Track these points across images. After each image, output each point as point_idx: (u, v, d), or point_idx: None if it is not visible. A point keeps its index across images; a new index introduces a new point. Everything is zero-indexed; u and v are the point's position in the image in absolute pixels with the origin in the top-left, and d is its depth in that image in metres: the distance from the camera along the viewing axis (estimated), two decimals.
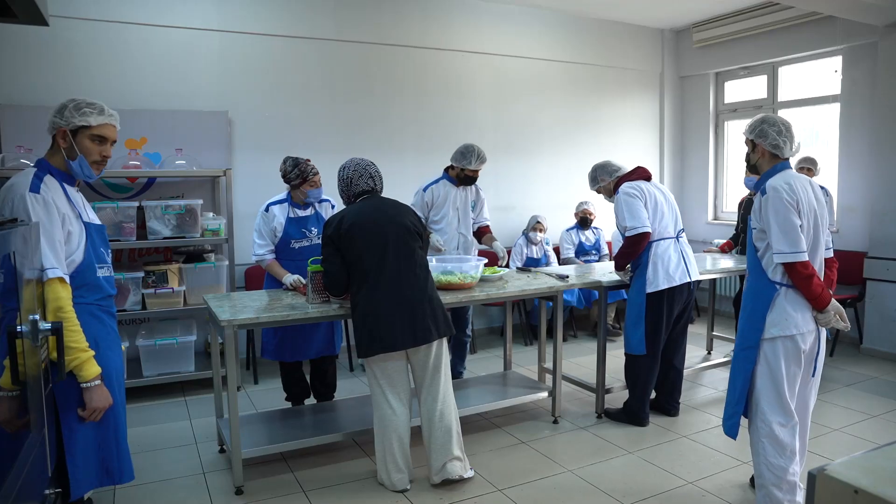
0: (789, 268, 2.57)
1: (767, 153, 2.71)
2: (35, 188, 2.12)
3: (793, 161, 2.81)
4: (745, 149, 2.83)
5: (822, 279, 2.67)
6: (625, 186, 3.76)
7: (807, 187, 2.66)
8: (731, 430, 2.79)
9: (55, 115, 2.24)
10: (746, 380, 2.69)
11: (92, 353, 2.16)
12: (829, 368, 4.98)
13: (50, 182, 2.20)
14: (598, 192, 4.03)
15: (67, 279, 2.13)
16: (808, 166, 5.22)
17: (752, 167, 2.80)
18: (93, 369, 2.15)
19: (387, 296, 2.93)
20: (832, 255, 2.85)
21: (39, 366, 1.71)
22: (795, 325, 2.60)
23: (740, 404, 2.72)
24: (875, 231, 5.31)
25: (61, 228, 2.16)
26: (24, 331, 1.53)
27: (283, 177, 3.64)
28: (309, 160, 3.69)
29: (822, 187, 5.27)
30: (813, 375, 2.75)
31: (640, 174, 3.84)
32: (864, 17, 5.02)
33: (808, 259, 2.56)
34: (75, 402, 2.16)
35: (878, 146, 5.30)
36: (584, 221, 6.09)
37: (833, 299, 2.64)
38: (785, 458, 2.63)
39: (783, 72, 6.41)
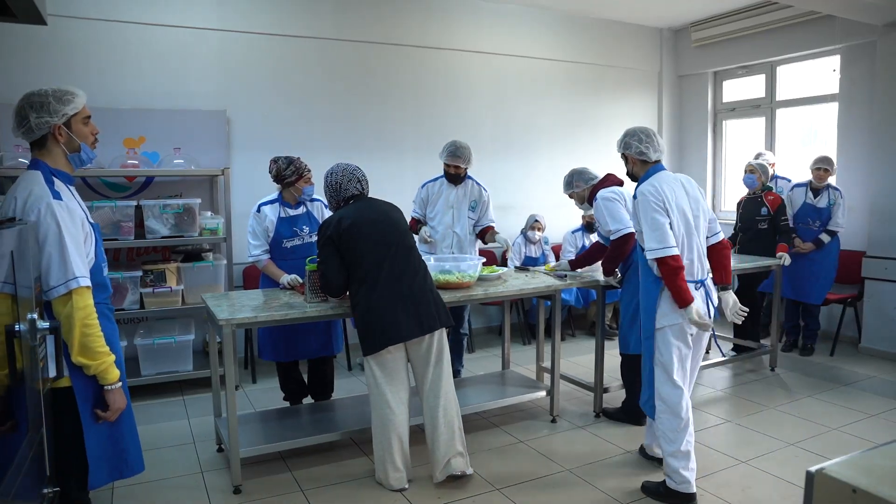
0: (660, 262, 2.82)
1: (637, 160, 3.03)
2: (57, 196, 2.11)
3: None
4: (626, 162, 3.11)
5: (702, 270, 2.95)
6: (603, 192, 3.77)
7: (675, 187, 2.92)
8: (650, 410, 3.05)
9: (40, 115, 2.14)
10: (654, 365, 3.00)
11: (114, 357, 2.20)
12: (828, 368, 4.99)
13: (60, 187, 2.17)
14: (571, 196, 4.05)
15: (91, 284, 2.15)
16: (825, 167, 5.20)
17: (632, 176, 3.10)
18: (116, 372, 2.20)
19: (388, 292, 2.93)
20: (721, 238, 3.08)
21: (38, 365, 1.71)
22: (680, 314, 2.84)
23: (653, 387, 2.99)
24: (874, 230, 5.31)
25: (83, 233, 2.16)
26: (21, 330, 1.52)
27: (277, 175, 3.63)
28: (299, 158, 3.69)
29: (835, 188, 5.26)
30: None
31: (612, 180, 3.88)
32: (863, 16, 5.02)
33: (677, 253, 2.80)
34: (93, 400, 2.20)
35: (877, 145, 5.30)
36: (590, 226, 6.05)
37: (693, 304, 2.80)
38: (681, 430, 2.90)
39: (781, 71, 6.42)
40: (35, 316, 1.69)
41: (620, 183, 3.89)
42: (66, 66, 4.50)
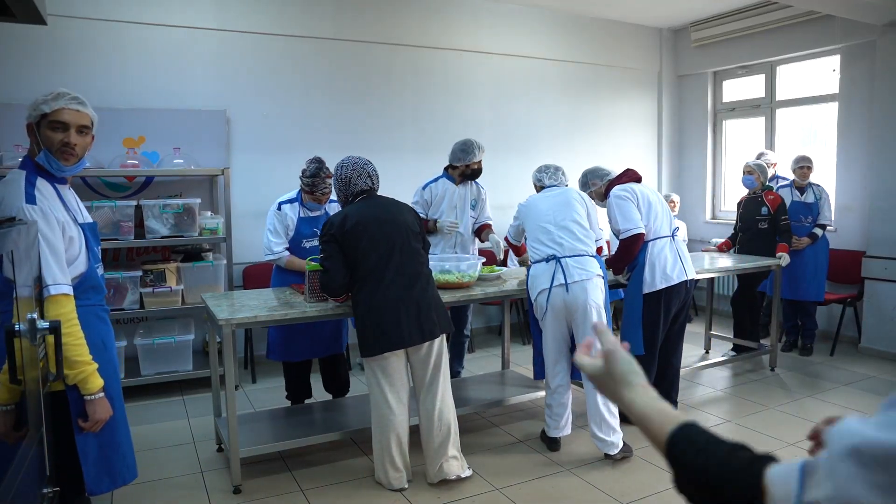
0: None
1: (538, 187, 3.79)
2: (31, 199, 2.04)
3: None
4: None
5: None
6: (615, 190, 3.76)
7: (555, 194, 3.61)
8: (539, 373, 3.70)
9: (28, 111, 2.15)
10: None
11: (96, 365, 2.13)
12: (828, 368, 4.99)
13: (43, 187, 2.11)
14: (590, 196, 4.03)
15: (71, 291, 2.07)
16: (807, 164, 5.25)
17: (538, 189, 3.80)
18: (97, 382, 2.13)
19: (391, 293, 2.92)
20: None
21: (38, 365, 1.71)
22: (537, 287, 3.40)
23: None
24: (873, 230, 5.31)
25: (62, 238, 2.09)
26: (21, 330, 1.52)
27: (301, 173, 3.63)
28: (330, 177, 3.55)
29: (817, 184, 5.31)
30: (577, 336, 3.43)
31: (631, 176, 3.85)
32: (862, 16, 5.02)
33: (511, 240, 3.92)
34: (80, 408, 2.15)
35: (877, 145, 5.30)
36: None
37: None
38: (550, 384, 3.53)
39: (781, 71, 6.42)
40: (35, 316, 1.69)
41: (639, 179, 3.86)
42: (66, 66, 4.49)
